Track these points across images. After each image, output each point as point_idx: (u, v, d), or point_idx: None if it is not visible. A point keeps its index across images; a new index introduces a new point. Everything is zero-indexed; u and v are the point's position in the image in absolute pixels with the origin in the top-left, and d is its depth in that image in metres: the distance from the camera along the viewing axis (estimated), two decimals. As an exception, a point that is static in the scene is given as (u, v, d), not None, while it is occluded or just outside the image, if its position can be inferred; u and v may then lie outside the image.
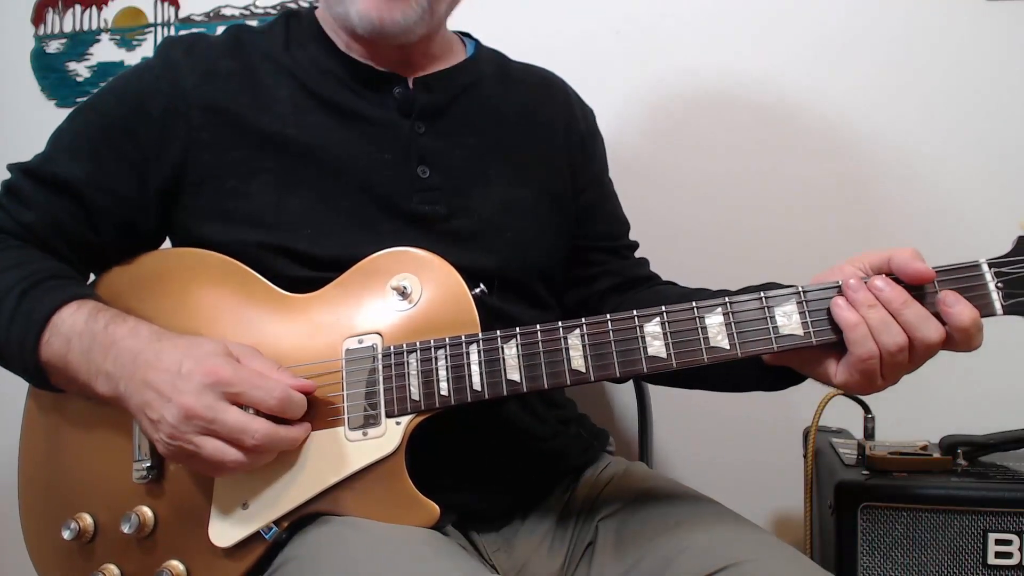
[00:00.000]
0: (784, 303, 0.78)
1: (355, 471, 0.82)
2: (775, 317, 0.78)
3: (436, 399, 0.83)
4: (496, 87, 1.07)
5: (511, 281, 0.98)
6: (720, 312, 0.79)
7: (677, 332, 0.80)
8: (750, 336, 0.78)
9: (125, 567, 0.87)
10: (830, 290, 0.78)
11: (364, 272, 0.88)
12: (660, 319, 0.80)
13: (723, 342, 0.79)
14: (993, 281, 0.76)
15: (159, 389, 0.78)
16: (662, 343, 0.80)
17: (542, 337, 0.82)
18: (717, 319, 0.79)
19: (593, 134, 1.15)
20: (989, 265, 0.76)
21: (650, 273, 1.14)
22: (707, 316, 0.79)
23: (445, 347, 0.83)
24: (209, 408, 0.77)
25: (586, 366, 0.81)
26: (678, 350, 0.79)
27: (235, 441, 0.77)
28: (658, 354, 0.80)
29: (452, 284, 0.86)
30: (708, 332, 0.79)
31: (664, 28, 1.48)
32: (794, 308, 0.78)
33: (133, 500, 0.87)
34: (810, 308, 0.78)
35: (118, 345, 0.81)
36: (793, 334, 0.78)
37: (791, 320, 0.78)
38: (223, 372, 0.78)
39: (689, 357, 0.79)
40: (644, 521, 0.91)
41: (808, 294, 0.78)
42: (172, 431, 0.78)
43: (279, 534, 0.83)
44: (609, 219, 1.15)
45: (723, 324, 0.79)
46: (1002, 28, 1.40)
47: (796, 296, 0.78)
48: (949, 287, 0.76)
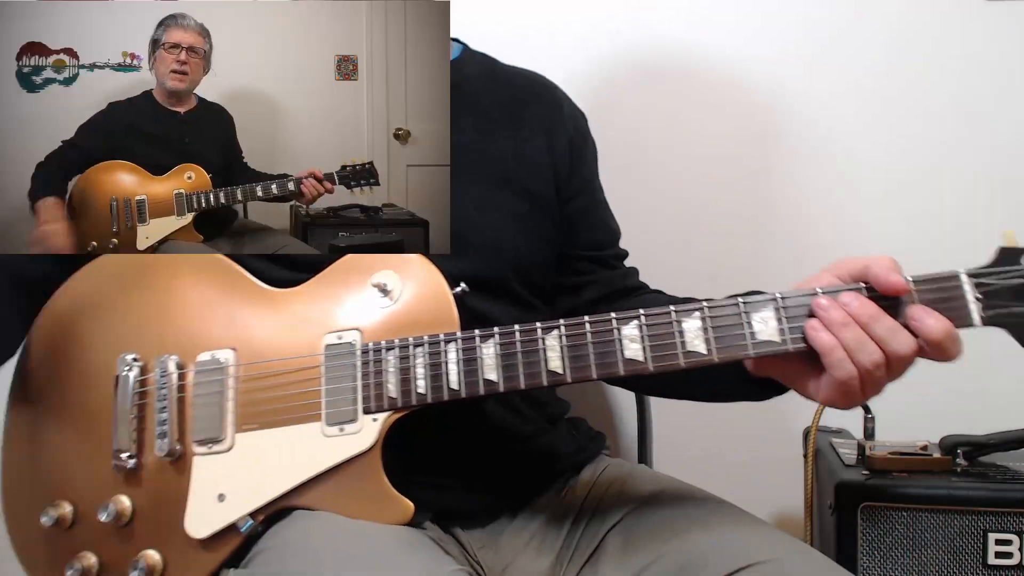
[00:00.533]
0: (761, 309, 0.78)
1: (331, 466, 0.82)
2: (752, 323, 0.78)
3: (413, 396, 0.83)
4: (478, 88, 1.07)
5: (488, 280, 0.97)
6: (698, 316, 0.79)
7: (655, 335, 0.79)
8: (727, 341, 0.78)
9: (103, 555, 0.87)
10: (807, 297, 0.77)
11: (346, 268, 0.89)
12: (638, 322, 0.80)
13: (700, 346, 0.79)
14: (972, 292, 0.75)
15: None
16: (639, 346, 0.80)
17: (520, 337, 0.82)
18: (695, 323, 0.79)
19: (583, 139, 1.14)
20: (968, 276, 0.76)
21: (639, 283, 1.13)
22: (684, 320, 0.79)
23: (424, 345, 0.84)
24: None
25: (563, 367, 0.81)
26: (655, 353, 0.79)
27: None
28: (635, 357, 0.80)
29: (433, 283, 0.86)
30: (685, 336, 0.79)
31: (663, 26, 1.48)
32: (771, 314, 0.78)
33: (111, 489, 0.87)
34: (787, 315, 0.77)
35: None
36: (770, 340, 0.77)
37: (768, 326, 0.78)
38: None
39: (666, 360, 0.79)
40: (654, 524, 0.90)
41: (785, 300, 0.78)
42: None
43: (255, 527, 0.83)
44: (596, 228, 1.13)
45: (700, 328, 0.79)
46: (1002, 28, 1.39)
47: (773, 303, 0.78)
48: (927, 297, 0.75)
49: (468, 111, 1.04)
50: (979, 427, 1.17)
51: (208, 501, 0.84)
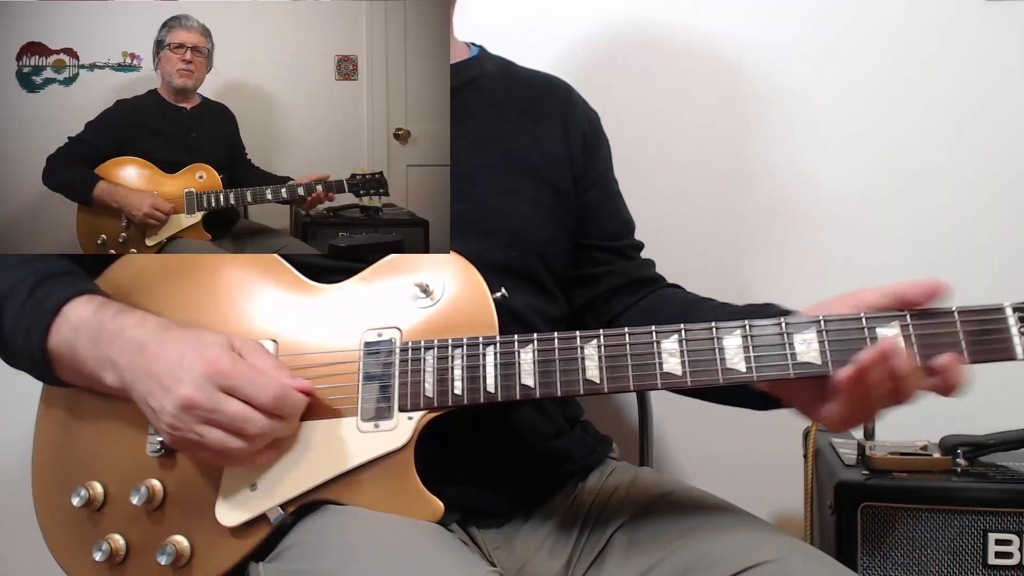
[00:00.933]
0: (804, 331, 0.78)
1: (364, 462, 0.83)
2: (794, 344, 0.78)
3: (449, 398, 0.83)
4: (498, 83, 1.10)
5: (515, 268, 0.99)
6: (739, 334, 0.79)
7: (695, 351, 0.80)
8: (767, 360, 0.78)
9: (131, 538, 0.88)
10: (851, 321, 0.78)
11: (389, 267, 0.89)
12: (678, 336, 0.80)
13: (740, 364, 0.79)
14: (1017, 326, 0.75)
15: (160, 379, 0.79)
16: (678, 360, 0.80)
17: (559, 345, 0.83)
18: (736, 341, 0.79)
19: (597, 135, 1.16)
20: (1014, 309, 0.76)
21: (656, 275, 1.14)
22: (725, 337, 0.79)
23: (462, 347, 0.84)
24: (209, 399, 0.78)
25: (600, 377, 0.81)
26: (694, 369, 0.80)
27: (238, 430, 0.79)
28: (673, 371, 0.80)
29: (474, 286, 0.87)
30: (725, 353, 0.79)
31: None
32: (814, 336, 0.78)
33: (144, 472, 0.88)
34: (829, 338, 0.78)
35: (125, 335, 0.83)
36: (811, 362, 0.78)
37: (810, 348, 0.78)
38: (221, 364, 0.79)
39: (705, 376, 0.79)
40: (659, 527, 0.91)
41: (829, 323, 0.78)
42: (173, 420, 0.79)
43: (284, 518, 0.83)
44: (612, 218, 1.15)
45: (741, 347, 0.79)
46: (1002, 28, 1.40)
47: (816, 325, 0.78)
48: (970, 328, 0.75)
49: (487, 104, 1.07)
50: (979, 427, 1.17)
51: (240, 490, 0.84)
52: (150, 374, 0.80)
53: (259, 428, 0.79)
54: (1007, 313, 0.75)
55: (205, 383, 0.78)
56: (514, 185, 1.04)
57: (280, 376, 0.81)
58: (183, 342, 0.81)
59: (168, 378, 0.79)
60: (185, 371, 0.79)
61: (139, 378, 0.81)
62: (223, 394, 0.78)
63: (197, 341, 0.81)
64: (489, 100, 1.08)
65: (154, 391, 0.80)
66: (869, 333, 0.77)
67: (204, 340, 0.81)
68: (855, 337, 0.77)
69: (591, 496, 1.01)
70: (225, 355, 0.80)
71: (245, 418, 0.78)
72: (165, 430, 0.81)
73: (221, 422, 0.78)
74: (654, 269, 1.15)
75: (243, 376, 0.79)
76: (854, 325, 0.77)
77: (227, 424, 0.78)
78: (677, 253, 1.22)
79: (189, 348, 0.80)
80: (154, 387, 0.80)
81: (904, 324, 0.76)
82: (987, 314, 0.76)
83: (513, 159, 1.05)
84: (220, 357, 0.79)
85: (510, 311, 0.90)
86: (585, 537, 0.97)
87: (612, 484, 1.02)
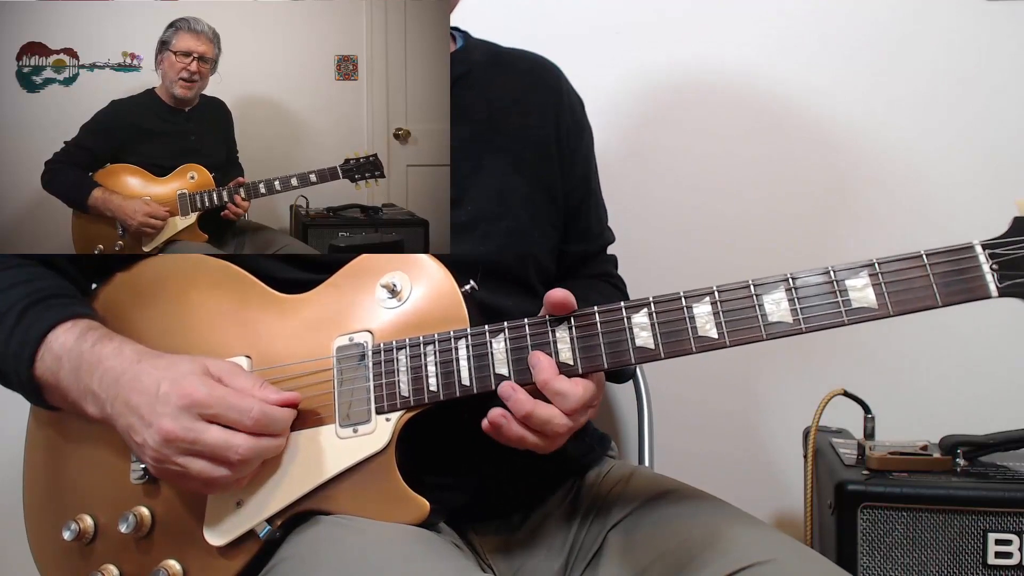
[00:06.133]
0: (773, 291, 0.77)
1: (346, 468, 0.82)
2: (763, 305, 0.77)
3: (425, 395, 0.83)
4: (487, 74, 1.08)
5: (506, 270, 0.98)
6: (708, 301, 0.78)
7: (665, 323, 0.79)
8: (738, 324, 0.77)
9: (124, 567, 0.88)
10: (821, 275, 0.76)
11: (355, 271, 0.89)
12: (647, 309, 0.79)
13: (711, 331, 0.78)
14: (988, 263, 0.74)
15: (139, 412, 0.79)
16: (650, 334, 0.79)
17: (530, 331, 0.82)
18: (705, 308, 0.78)
19: (580, 126, 1.15)
20: (983, 246, 0.74)
21: (608, 270, 1.16)
22: (695, 306, 0.78)
23: (434, 343, 0.83)
24: (188, 430, 0.77)
25: (574, 359, 0.80)
26: (666, 340, 0.79)
27: (220, 459, 0.78)
28: (646, 344, 0.79)
29: (441, 281, 0.86)
30: (696, 322, 0.78)
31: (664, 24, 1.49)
32: (783, 295, 0.77)
33: (131, 500, 0.88)
34: (799, 295, 0.76)
35: (103, 365, 0.82)
36: (782, 321, 0.76)
37: (779, 308, 0.77)
38: (197, 393, 0.78)
39: (678, 347, 0.78)
40: (655, 525, 0.90)
41: (796, 281, 0.77)
42: (156, 454, 0.78)
43: (273, 532, 0.83)
44: (587, 224, 1.15)
45: (711, 313, 0.78)
46: (1002, 28, 1.39)
47: (785, 283, 0.77)
48: (942, 269, 0.74)
49: (478, 100, 1.05)
50: (979, 427, 1.16)
51: (226, 508, 0.84)
52: (129, 406, 0.80)
53: (242, 453, 0.78)
54: (977, 251, 0.74)
55: (182, 415, 0.77)
56: (508, 186, 1.02)
57: (264, 394, 0.81)
58: (157, 372, 0.80)
59: (147, 411, 0.78)
60: (161, 403, 0.78)
61: (119, 411, 0.81)
62: (203, 423, 0.78)
63: (171, 370, 0.80)
64: (479, 96, 1.05)
65: (135, 425, 0.79)
66: (839, 286, 0.76)
67: (179, 369, 0.80)
68: (826, 291, 0.76)
69: (588, 494, 1.00)
70: (201, 383, 0.79)
71: (228, 446, 0.78)
72: (150, 464, 0.80)
73: (203, 452, 0.78)
74: (614, 267, 1.17)
75: (222, 402, 0.78)
76: (824, 279, 0.76)
77: (208, 453, 0.78)
78: (674, 256, 1.23)
79: (164, 379, 0.79)
80: (135, 421, 0.79)
81: (873, 273, 0.75)
82: (956, 254, 0.74)
83: (506, 159, 1.04)
84: (196, 386, 0.78)
85: (500, 314, 0.88)
86: (583, 536, 0.96)
87: (610, 482, 1.01)
